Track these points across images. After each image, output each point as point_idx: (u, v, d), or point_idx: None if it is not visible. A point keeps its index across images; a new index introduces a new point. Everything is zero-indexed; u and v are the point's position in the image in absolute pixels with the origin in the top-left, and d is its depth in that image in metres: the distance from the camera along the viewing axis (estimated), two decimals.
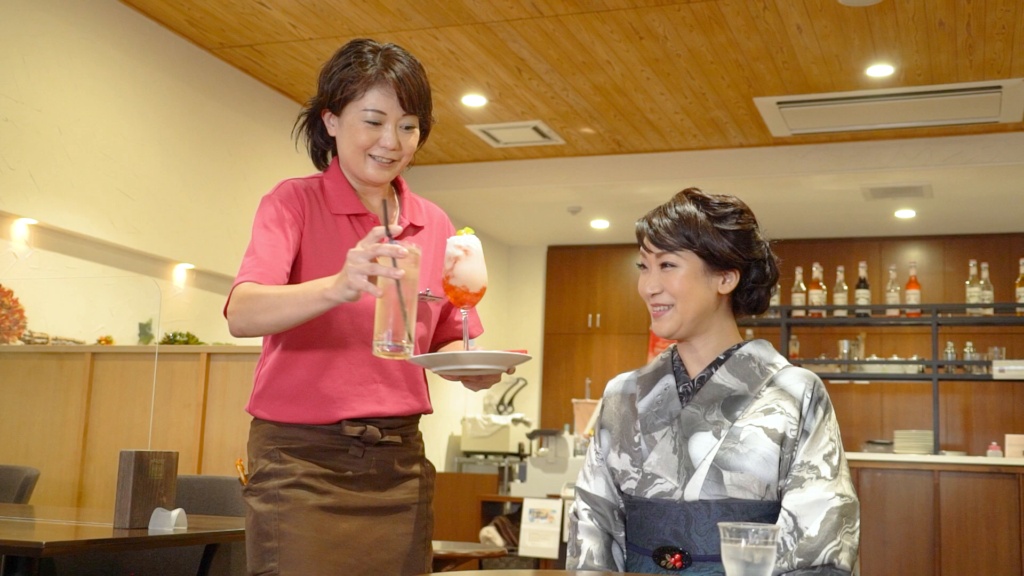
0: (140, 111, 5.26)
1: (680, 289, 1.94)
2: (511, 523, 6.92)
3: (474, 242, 1.95)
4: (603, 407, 2.13)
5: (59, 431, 4.15)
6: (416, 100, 2.07)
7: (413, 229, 2.18)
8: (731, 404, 1.92)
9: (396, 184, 2.22)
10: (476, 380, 2.00)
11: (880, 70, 5.73)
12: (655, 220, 1.97)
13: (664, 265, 1.96)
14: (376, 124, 2.05)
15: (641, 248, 2.01)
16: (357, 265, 1.74)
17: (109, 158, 5.03)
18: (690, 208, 1.96)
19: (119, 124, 5.12)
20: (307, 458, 2.02)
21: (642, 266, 2.01)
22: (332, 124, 2.13)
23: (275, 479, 2.01)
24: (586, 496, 2.07)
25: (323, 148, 2.23)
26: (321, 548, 1.97)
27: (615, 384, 2.14)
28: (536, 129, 6.91)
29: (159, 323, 4.89)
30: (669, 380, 2.02)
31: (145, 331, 5.12)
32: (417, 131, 2.11)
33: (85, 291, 4.94)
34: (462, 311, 1.98)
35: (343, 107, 2.08)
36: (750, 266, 1.99)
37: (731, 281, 1.98)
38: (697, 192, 2.00)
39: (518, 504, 6.87)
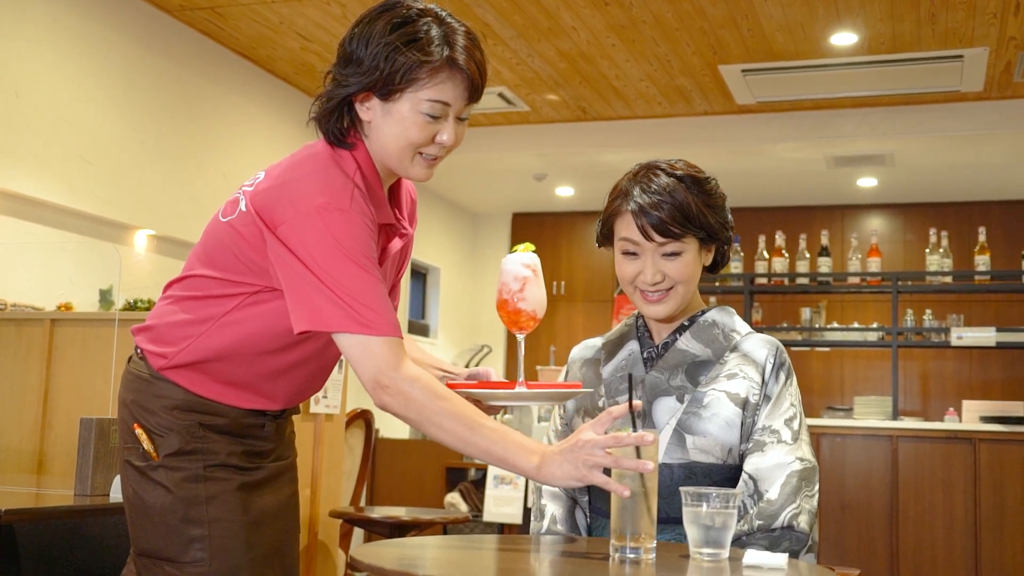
0: (99, 75, 5.17)
1: (686, 274, 1.92)
2: (475, 489, 6.95)
3: (538, 262, 1.81)
4: (567, 372, 2.15)
5: (19, 398, 4.11)
6: (483, 85, 1.78)
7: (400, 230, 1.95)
8: (695, 369, 1.94)
9: None
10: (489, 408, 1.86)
11: (844, 38, 5.75)
12: (653, 210, 1.87)
13: (668, 254, 1.91)
14: (435, 118, 1.74)
15: (629, 237, 1.92)
16: (594, 457, 1.54)
17: (68, 123, 4.95)
18: (681, 191, 1.90)
19: (78, 88, 5.03)
20: (227, 434, 1.86)
21: (629, 253, 1.94)
22: (369, 108, 1.76)
23: (198, 458, 1.82)
24: None
25: (343, 131, 1.80)
26: (247, 530, 1.84)
27: (580, 350, 2.15)
28: (501, 95, 6.88)
29: (119, 289, 4.83)
30: (633, 346, 2.03)
31: (106, 297, 5.07)
32: (468, 120, 1.81)
33: (44, 257, 4.88)
34: (518, 337, 1.80)
35: (397, 94, 1.72)
36: (730, 234, 2.01)
37: (712, 253, 2.00)
38: (673, 168, 1.94)
39: (482, 470, 6.91)
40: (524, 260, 1.79)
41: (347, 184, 1.73)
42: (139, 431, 1.86)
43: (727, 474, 1.88)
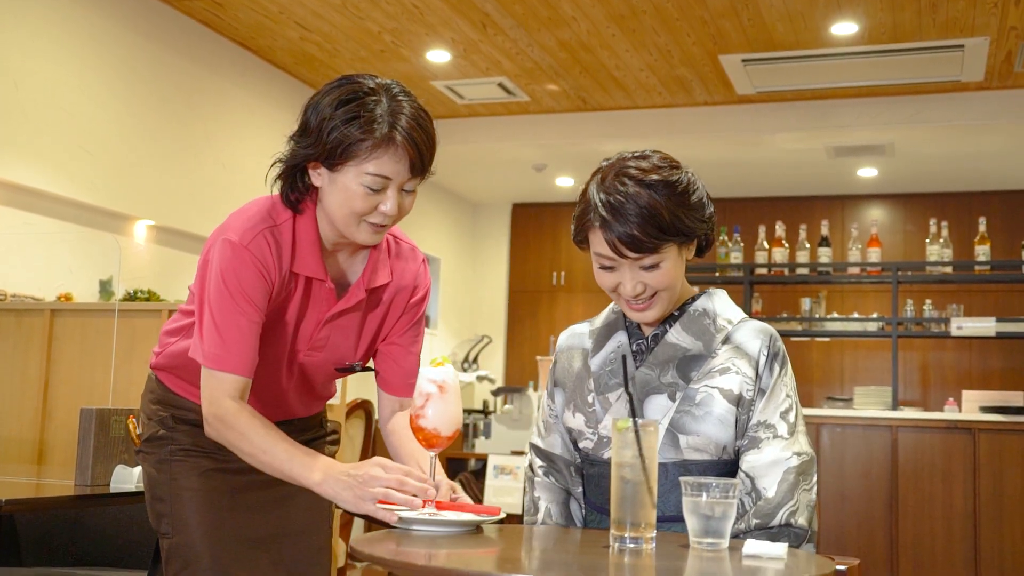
0: (99, 65, 5.16)
1: (668, 281, 1.83)
2: (476, 479, 6.95)
3: (451, 376, 1.75)
4: (556, 363, 2.09)
5: (19, 389, 4.11)
6: (427, 162, 1.83)
7: (368, 293, 1.99)
8: (686, 364, 1.88)
9: None
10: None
11: (844, 28, 5.74)
12: (623, 228, 1.76)
13: (646, 267, 1.81)
14: (376, 191, 1.80)
15: (602, 253, 1.83)
16: (371, 490, 1.66)
17: (67, 113, 4.95)
18: (652, 201, 1.77)
19: (77, 79, 5.02)
20: (197, 426, 1.97)
21: (606, 267, 1.85)
22: (319, 175, 1.84)
23: (166, 443, 2.02)
24: (540, 453, 2.05)
25: (300, 194, 1.90)
26: (213, 510, 1.98)
27: (568, 338, 2.09)
28: (501, 85, 6.87)
29: (119, 280, 4.83)
30: (622, 337, 1.97)
31: (105, 288, 5.06)
32: (416, 191, 1.88)
33: (44, 247, 4.87)
34: (429, 454, 1.79)
35: (340, 166, 1.79)
36: (710, 224, 1.93)
37: (694, 245, 1.91)
38: (642, 174, 1.80)
39: (483, 460, 6.91)
40: (430, 375, 1.74)
41: (260, 225, 1.85)
42: (132, 421, 2.11)
43: (722, 470, 1.85)
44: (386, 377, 2.08)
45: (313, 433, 2.17)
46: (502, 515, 1.72)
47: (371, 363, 2.10)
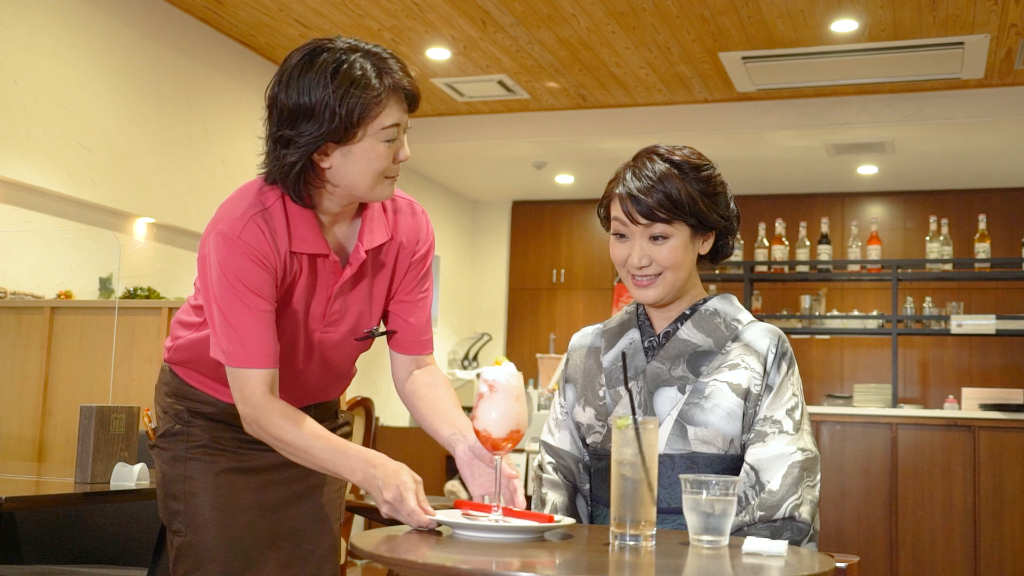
0: (98, 62, 5.16)
1: (673, 260, 1.91)
2: None
3: (503, 375, 1.68)
4: (568, 361, 2.13)
5: (19, 386, 4.11)
6: (418, 94, 1.86)
7: (369, 254, 1.96)
8: (697, 359, 1.92)
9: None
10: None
11: (845, 25, 5.74)
12: (641, 195, 1.88)
13: (655, 237, 1.90)
14: (391, 141, 1.81)
15: (618, 217, 1.93)
16: (397, 514, 1.69)
17: (67, 110, 4.94)
18: (674, 177, 1.89)
19: (77, 76, 5.02)
20: (215, 421, 1.99)
21: (619, 235, 1.95)
22: (328, 157, 1.80)
23: (182, 440, 2.00)
24: (550, 449, 2.08)
25: (314, 187, 1.86)
26: (228, 510, 1.97)
27: (580, 337, 2.14)
28: (501, 83, 6.86)
29: (119, 277, 4.83)
30: (634, 334, 2.01)
31: (106, 285, 5.07)
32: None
33: (44, 245, 4.87)
34: (495, 458, 1.72)
35: (354, 134, 1.77)
36: (729, 224, 1.99)
37: (710, 242, 1.98)
38: (672, 154, 1.93)
39: None
40: (485, 375, 1.70)
41: (248, 212, 1.82)
42: (147, 414, 2.12)
43: (729, 464, 1.87)
44: (397, 336, 2.06)
45: (329, 424, 2.15)
46: (562, 521, 1.68)
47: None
